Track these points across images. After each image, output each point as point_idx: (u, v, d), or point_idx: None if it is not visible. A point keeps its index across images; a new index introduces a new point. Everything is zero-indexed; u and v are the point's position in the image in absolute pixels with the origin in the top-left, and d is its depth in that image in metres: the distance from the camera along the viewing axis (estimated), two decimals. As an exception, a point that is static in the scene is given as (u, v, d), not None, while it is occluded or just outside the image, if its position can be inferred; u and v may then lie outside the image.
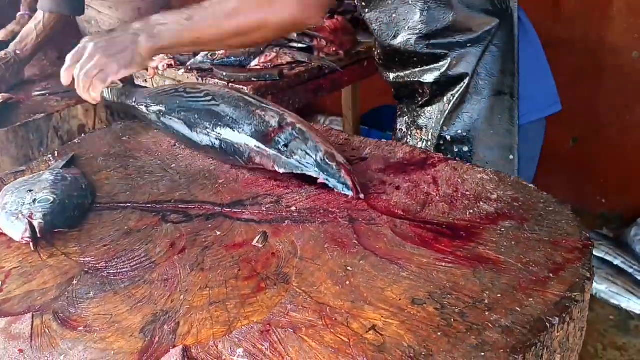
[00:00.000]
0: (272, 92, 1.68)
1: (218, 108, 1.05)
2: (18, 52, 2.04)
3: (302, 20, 1.14)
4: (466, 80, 1.20)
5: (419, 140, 1.30)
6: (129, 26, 1.15)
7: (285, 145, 0.98)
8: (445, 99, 1.24)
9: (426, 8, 1.17)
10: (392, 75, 1.32)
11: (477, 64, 1.19)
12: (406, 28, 1.22)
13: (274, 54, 1.78)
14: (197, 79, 1.76)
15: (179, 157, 1.13)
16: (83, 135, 1.25)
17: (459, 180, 0.98)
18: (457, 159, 1.09)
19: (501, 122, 1.20)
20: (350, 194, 0.94)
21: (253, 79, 1.68)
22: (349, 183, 0.94)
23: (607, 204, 2.84)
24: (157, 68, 1.86)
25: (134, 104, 1.23)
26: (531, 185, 0.95)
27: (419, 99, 1.29)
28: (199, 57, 1.77)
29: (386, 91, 1.45)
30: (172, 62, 1.85)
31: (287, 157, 0.97)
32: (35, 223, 0.86)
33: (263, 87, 1.66)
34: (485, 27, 1.17)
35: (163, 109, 1.14)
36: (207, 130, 1.05)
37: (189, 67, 1.79)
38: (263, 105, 1.05)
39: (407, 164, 1.06)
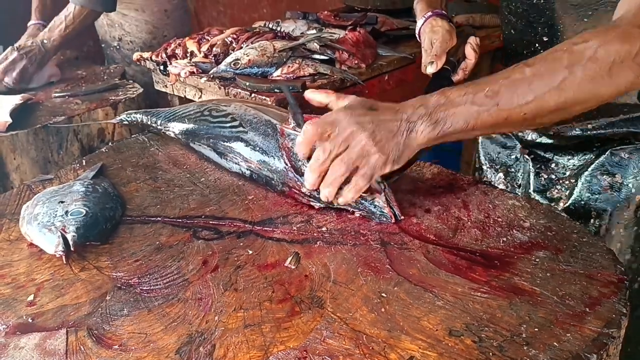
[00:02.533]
0: (295, 104, 1.67)
1: (246, 136, 1.05)
2: (45, 41, 2.03)
3: (632, 89, 0.92)
4: None
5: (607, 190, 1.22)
6: (400, 107, 0.90)
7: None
8: None
9: None
10: (570, 131, 1.22)
11: None
12: None
13: (296, 65, 1.78)
14: (219, 88, 1.76)
15: (207, 170, 1.13)
16: (110, 144, 1.25)
17: (490, 205, 0.98)
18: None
19: None
20: (389, 221, 0.93)
21: (276, 90, 1.67)
22: (386, 212, 0.93)
23: None
24: (179, 75, 1.87)
25: (159, 127, 1.22)
26: (563, 214, 0.95)
27: (604, 146, 1.21)
28: (222, 66, 1.77)
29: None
30: (195, 70, 1.85)
31: (319, 194, 0.96)
32: (69, 236, 0.86)
33: (286, 99, 1.65)
34: None
35: (190, 134, 1.14)
36: (237, 159, 1.05)
37: (212, 76, 1.79)
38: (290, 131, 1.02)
39: (436, 185, 1.06)
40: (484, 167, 1.40)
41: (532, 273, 0.81)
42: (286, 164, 1.00)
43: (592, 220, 1.22)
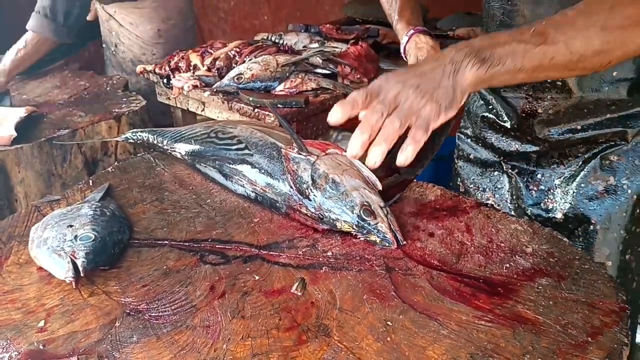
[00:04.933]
0: (298, 119, 1.69)
1: (252, 159, 1.06)
2: None
3: None
4: None
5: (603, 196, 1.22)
6: (440, 54, 0.88)
7: (321, 207, 0.98)
8: None
9: None
10: (557, 132, 1.23)
11: None
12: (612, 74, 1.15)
13: (299, 80, 1.79)
14: (223, 102, 1.77)
15: (213, 191, 1.14)
16: (116, 163, 1.26)
17: (493, 229, 0.99)
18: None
19: None
20: (392, 246, 0.95)
21: (279, 105, 1.69)
22: (388, 237, 0.95)
23: None
24: (182, 88, 1.89)
25: (165, 147, 1.23)
26: (565, 239, 0.96)
27: (591, 150, 1.22)
28: (225, 81, 1.78)
29: None
30: (198, 83, 1.87)
31: (323, 217, 0.98)
32: (79, 262, 0.87)
33: (289, 114, 1.67)
34: None
35: (196, 156, 1.15)
36: (242, 182, 1.07)
37: (215, 90, 1.80)
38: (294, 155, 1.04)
39: (439, 208, 1.07)
40: (471, 191, 1.41)
41: (535, 301, 0.82)
42: (291, 187, 1.01)
43: (591, 227, 1.23)
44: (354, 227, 0.96)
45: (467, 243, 0.96)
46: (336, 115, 0.88)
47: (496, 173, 1.36)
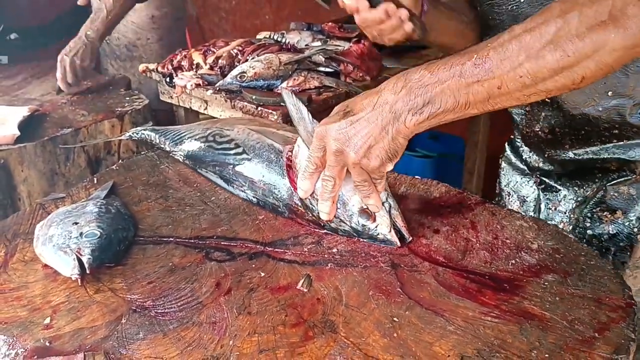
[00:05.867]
0: (301, 118, 1.69)
1: (250, 163, 1.06)
2: (89, 32, 2.04)
3: None
4: None
5: (608, 224, 1.15)
6: (378, 96, 0.83)
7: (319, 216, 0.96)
8: None
9: None
10: (564, 154, 1.18)
11: None
12: (616, 93, 1.04)
13: (302, 78, 1.79)
14: (226, 101, 1.77)
15: (218, 189, 1.14)
16: (120, 161, 1.26)
17: (498, 226, 0.99)
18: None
19: None
20: (394, 246, 0.95)
21: (282, 103, 1.69)
22: (390, 238, 0.94)
23: None
24: (184, 87, 1.89)
25: (167, 149, 1.23)
26: (570, 235, 0.96)
27: (605, 177, 1.16)
28: (228, 79, 1.78)
29: None
30: (201, 82, 1.86)
31: (324, 225, 0.98)
32: (84, 259, 0.87)
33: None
34: None
35: (197, 161, 1.16)
36: (243, 187, 1.07)
37: (218, 88, 1.80)
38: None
39: (444, 205, 1.07)
40: (503, 194, 1.39)
41: (541, 297, 0.82)
42: (294, 199, 1.01)
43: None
44: (355, 233, 0.96)
45: (472, 240, 0.96)
46: (305, 188, 0.93)
47: (530, 184, 1.34)
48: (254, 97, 1.71)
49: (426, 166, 2.85)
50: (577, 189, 1.22)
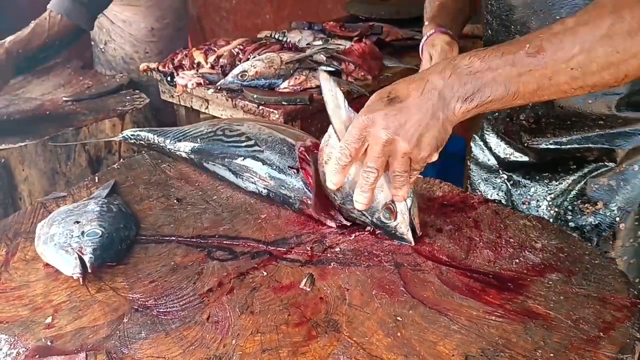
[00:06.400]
0: (302, 117, 1.69)
1: (262, 155, 1.05)
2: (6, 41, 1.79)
3: None
4: None
5: (590, 215, 1.15)
6: (426, 82, 0.80)
7: (342, 204, 0.96)
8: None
9: None
10: (544, 143, 1.18)
11: None
12: None
13: (303, 77, 1.79)
14: (227, 100, 1.77)
15: (220, 187, 1.13)
16: (121, 160, 1.25)
17: (502, 225, 0.99)
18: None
19: None
20: (409, 244, 0.94)
21: (283, 102, 1.68)
22: (406, 237, 0.94)
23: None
24: (185, 86, 1.88)
25: (168, 147, 1.20)
26: (574, 234, 0.96)
27: (581, 169, 1.16)
28: (229, 78, 1.78)
29: None
30: (202, 81, 1.86)
31: (342, 216, 0.98)
32: (86, 258, 0.86)
33: (293, 112, 1.66)
34: None
35: (203, 154, 1.13)
36: (253, 179, 1.05)
37: (219, 87, 1.80)
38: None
39: (447, 204, 1.07)
40: (478, 192, 1.38)
41: (545, 296, 0.82)
42: (305, 184, 1.00)
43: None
44: (372, 225, 0.95)
45: (475, 239, 0.96)
46: (336, 181, 0.88)
47: (498, 180, 1.33)
48: (255, 96, 1.71)
49: (427, 166, 2.84)
50: (548, 181, 1.21)
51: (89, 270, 0.87)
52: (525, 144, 1.23)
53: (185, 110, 2.04)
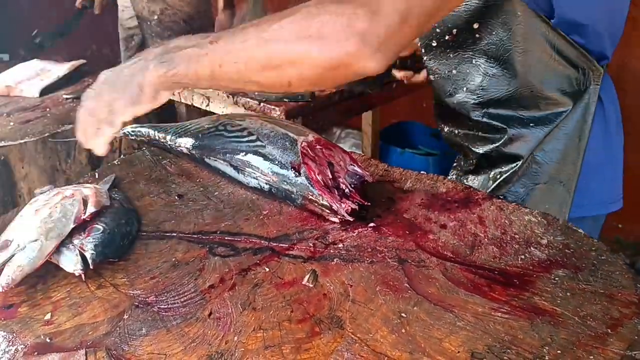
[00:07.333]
0: (304, 114, 1.68)
1: (264, 150, 1.03)
2: None
3: (356, 64, 0.77)
4: (519, 163, 1.10)
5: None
6: (147, 52, 0.92)
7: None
8: (491, 175, 1.15)
9: (489, 73, 1.04)
10: (446, 129, 1.24)
11: (535, 146, 1.08)
12: (464, 89, 1.11)
13: (305, 74, 1.77)
14: (228, 96, 1.76)
15: (221, 184, 1.12)
16: (122, 156, 1.24)
17: (506, 221, 0.98)
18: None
19: (548, 212, 1.09)
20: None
21: (285, 99, 1.67)
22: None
23: (623, 230, 2.83)
24: (187, 83, 1.87)
25: (169, 143, 1.17)
26: (580, 230, 0.95)
27: (468, 162, 1.22)
28: (230, 75, 1.76)
29: (405, 108, 1.46)
30: (202, 78, 1.85)
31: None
32: (87, 254, 0.85)
33: (295, 109, 1.66)
34: (555, 109, 1.06)
35: (204, 150, 1.11)
36: (255, 174, 1.04)
37: (220, 84, 1.79)
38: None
39: (451, 200, 1.06)
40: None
41: (552, 292, 0.81)
42: (307, 179, 0.99)
43: None
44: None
45: (480, 235, 0.95)
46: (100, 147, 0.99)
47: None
48: (256, 93, 1.70)
49: (429, 164, 2.83)
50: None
51: (91, 267, 0.85)
52: (438, 125, 1.31)
53: (186, 108, 2.03)
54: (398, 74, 1.56)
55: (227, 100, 1.78)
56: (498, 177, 1.14)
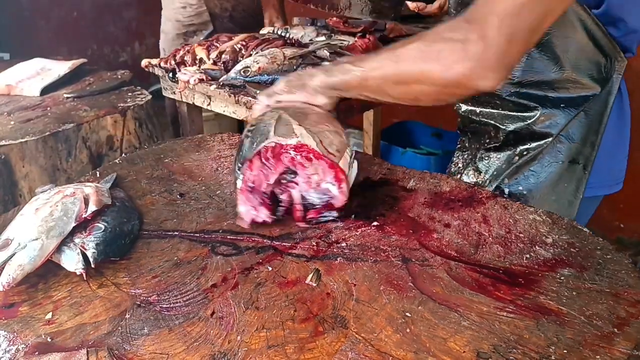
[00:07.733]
0: (306, 112, 1.66)
1: (247, 139, 0.99)
2: None
3: (471, 83, 0.89)
4: (548, 140, 1.15)
5: (473, 183, 1.23)
6: (317, 68, 1.13)
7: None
8: (517, 150, 1.19)
9: (528, 55, 1.09)
10: (464, 107, 1.27)
11: (565, 126, 1.13)
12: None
13: (306, 73, 1.77)
14: (229, 96, 1.75)
15: (223, 183, 1.12)
16: (123, 155, 1.23)
17: (511, 220, 0.97)
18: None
19: (566, 191, 1.16)
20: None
21: (287, 98, 1.66)
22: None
23: (625, 229, 2.82)
24: (188, 82, 1.86)
25: None
26: (586, 229, 0.94)
27: (488, 140, 1.24)
28: (232, 74, 1.76)
29: (407, 107, 1.44)
30: (204, 77, 1.84)
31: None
32: (89, 253, 0.84)
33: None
34: (584, 92, 1.12)
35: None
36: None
37: (221, 83, 1.78)
38: None
39: (455, 199, 1.05)
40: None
41: (557, 292, 0.80)
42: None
43: None
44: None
45: (484, 234, 0.94)
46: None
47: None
48: (258, 91, 1.69)
49: (430, 164, 2.82)
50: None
51: (92, 266, 0.85)
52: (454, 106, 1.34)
53: (187, 107, 2.02)
54: (411, 4, 1.58)
55: (228, 99, 1.76)
56: (525, 153, 1.18)
